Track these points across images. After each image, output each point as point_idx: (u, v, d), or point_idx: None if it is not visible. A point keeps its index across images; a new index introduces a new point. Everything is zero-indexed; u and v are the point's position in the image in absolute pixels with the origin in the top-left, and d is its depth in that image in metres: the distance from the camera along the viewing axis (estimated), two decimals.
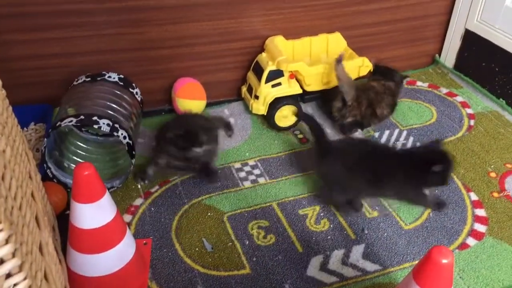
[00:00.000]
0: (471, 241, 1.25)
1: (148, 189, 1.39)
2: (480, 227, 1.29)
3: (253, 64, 1.68)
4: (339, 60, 1.51)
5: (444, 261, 0.83)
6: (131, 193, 1.38)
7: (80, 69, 1.53)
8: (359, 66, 1.62)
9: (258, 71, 1.62)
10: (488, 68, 1.76)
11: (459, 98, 1.78)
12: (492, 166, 1.48)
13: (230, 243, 1.24)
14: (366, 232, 1.28)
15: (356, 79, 1.63)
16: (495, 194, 1.39)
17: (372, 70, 1.63)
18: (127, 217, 1.31)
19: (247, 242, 1.24)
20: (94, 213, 0.97)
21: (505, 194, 1.38)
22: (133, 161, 1.35)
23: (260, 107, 1.62)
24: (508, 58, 1.65)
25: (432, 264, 0.85)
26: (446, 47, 1.91)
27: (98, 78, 1.45)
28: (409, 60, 1.95)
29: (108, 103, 1.36)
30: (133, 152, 1.33)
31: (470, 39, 1.80)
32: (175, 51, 1.64)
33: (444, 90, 1.83)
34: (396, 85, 1.60)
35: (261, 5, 1.64)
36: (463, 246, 1.24)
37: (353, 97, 1.52)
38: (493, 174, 1.45)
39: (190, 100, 1.63)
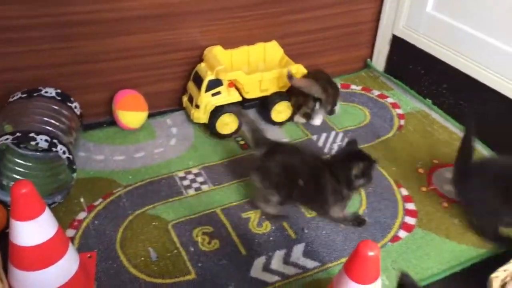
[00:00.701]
0: (402, 234, 1.34)
1: (91, 202, 1.40)
2: (410, 220, 1.38)
3: (192, 74, 1.72)
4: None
5: (371, 253, 0.90)
6: (74, 207, 1.38)
7: (17, 85, 1.51)
8: (294, 73, 1.69)
9: (198, 80, 1.66)
10: (415, 71, 1.88)
11: (390, 100, 1.90)
12: (420, 163, 1.58)
13: (175, 251, 1.27)
14: (306, 231, 1.34)
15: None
16: (424, 189, 1.49)
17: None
18: (71, 232, 1.30)
19: (192, 249, 1.28)
20: (33, 231, 0.98)
21: (432, 188, 1.49)
22: (74, 175, 1.35)
23: (201, 116, 1.65)
24: (431, 61, 1.78)
25: (360, 258, 0.91)
26: (377, 51, 2.02)
27: (35, 94, 1.44)
28: (343, 65, 2.04)
29: (46, 118, 1.35)
30: (74, 167, 1.33)
31: (398, 43, 1.92)
32: (115, 63, 1.65)
33: (376, 93, 1.94)
34: None
35: (199, 16, 1.68)
36: (395, 238, 1.33)
37: (320, 90, 1.65)
38: (421, 170, 1.55)
39: (131, 111, 1.64)
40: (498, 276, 1.14)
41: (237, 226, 1.35)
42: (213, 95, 1.63)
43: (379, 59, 2.02)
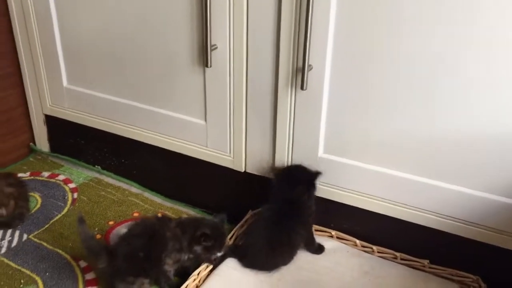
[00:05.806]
0: None
1: None
2: None
3: None
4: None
5: None
6: None
7: None
8: None
9: None
10: (76, 143, 1.92)
11: (61, 177, 1.88)
12: (96, 229, 1.61)
13: None
14: None
15: None
16: None
17: None
18: None
19: None
20: None
21: None
22: None
23: None
24: (85, 130, 1.84)
25: None
26: (37, 134, 2.00)
27: None
28: (5, 156, 1.94)
29: None
30: None
31: (53, 122, 1.94)
32: None
33: (46, 174, 1.90)
34: None
35: None
36: None
37: None
38: (98, 236, 1.58)
39: None
40: None
41: None
42: None
43: (42, 140, 2.00)
